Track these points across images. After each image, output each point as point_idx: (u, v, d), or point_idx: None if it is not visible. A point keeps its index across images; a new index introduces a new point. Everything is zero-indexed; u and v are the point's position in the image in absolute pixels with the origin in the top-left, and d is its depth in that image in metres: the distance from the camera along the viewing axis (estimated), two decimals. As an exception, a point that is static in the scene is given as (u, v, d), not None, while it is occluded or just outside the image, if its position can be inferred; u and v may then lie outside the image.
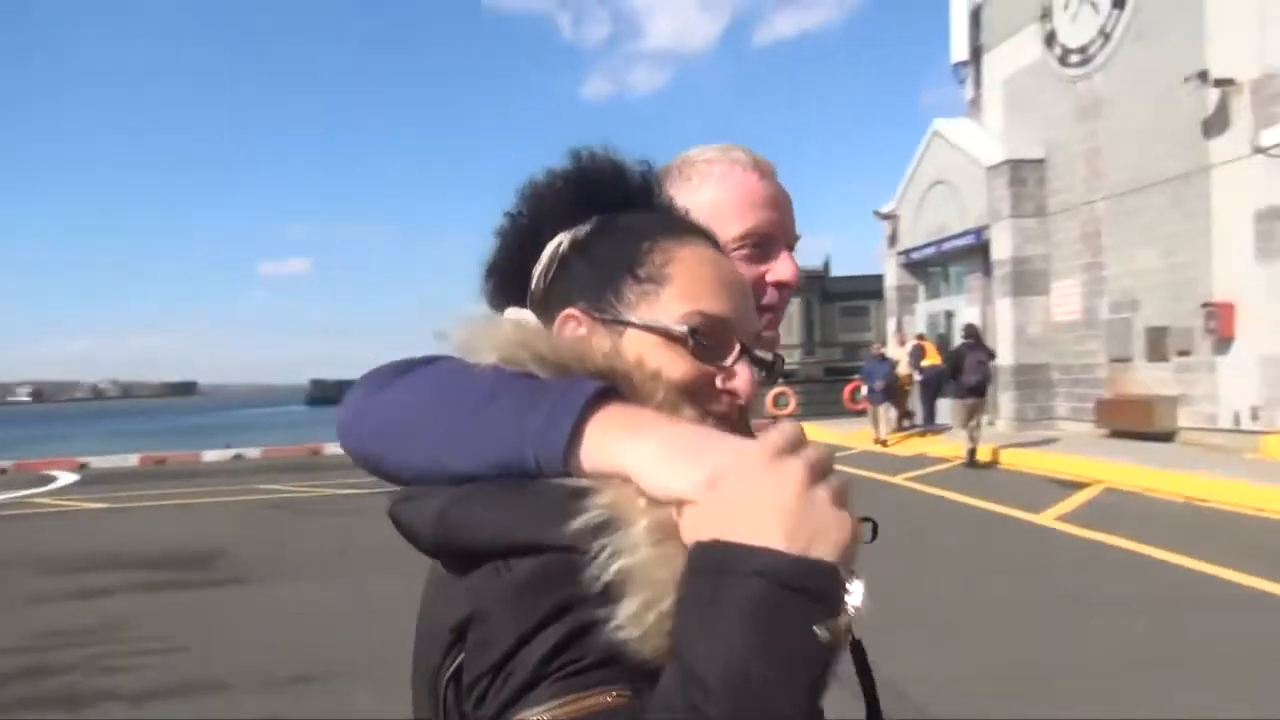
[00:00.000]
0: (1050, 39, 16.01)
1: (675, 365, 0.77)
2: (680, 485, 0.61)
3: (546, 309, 0.82)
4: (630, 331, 0.78)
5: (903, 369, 17.21)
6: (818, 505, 0.58)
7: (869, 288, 37.29)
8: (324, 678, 5.13)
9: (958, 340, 18.87)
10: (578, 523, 0.62)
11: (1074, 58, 15.36)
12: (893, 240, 20.82)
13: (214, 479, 15.98)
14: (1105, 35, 14.58)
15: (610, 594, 0.60)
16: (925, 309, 20.49)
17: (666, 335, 0.77)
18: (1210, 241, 12.72)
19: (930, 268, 20.28)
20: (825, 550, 0.56)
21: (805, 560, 0.55)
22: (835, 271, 49.01)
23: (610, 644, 0.60)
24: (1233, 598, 6.15)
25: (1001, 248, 16.56)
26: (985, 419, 17.77)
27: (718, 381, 0.79)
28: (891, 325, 20.82)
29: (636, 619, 0.59)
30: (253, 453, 20.91)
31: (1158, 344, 13.69)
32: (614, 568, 0.60)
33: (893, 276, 20.99)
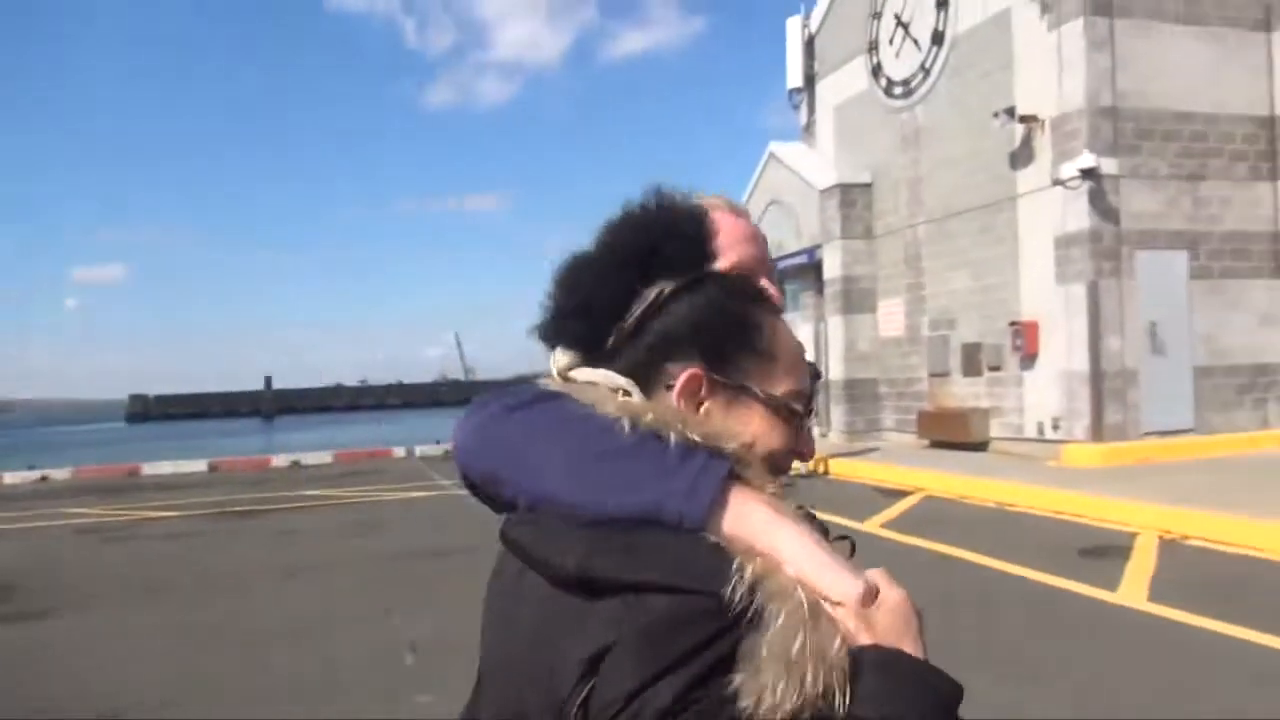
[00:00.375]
0: (877, 71, 16.92)
1: (775, 435, 0.89)
2: (842, 589, 0.75)
3: (637, 351, 0.89)
4: (745, 398, 0.88)
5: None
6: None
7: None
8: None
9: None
10: (736, 570, 0.73)
11: (898, 90, 16.28)
12: (732, 258, 21.38)
13: (15, 503, 14.72)
14: (925, 70, 15.53)
15: (742, 641, 0.72)
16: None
17: (787, 410, 0.90)
18: (1017, 265, 13.72)
19: (767, 285, 20.94)
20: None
21: (959, 688, 0.76)
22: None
23: (732, 692, 0.70)
24: (1036, 595, 6.63)
25: (832, 267, 17.33)
26: (816, 431, 18.49)
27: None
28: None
29: (756, 669, 0.70)
30: (61, 474, 19.41)
31: (972, 360, 14.64)
32: (761, 605, 0.72)
33: (732, 293, 21.55)
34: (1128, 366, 12.55)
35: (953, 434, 14.73)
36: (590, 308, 0.90)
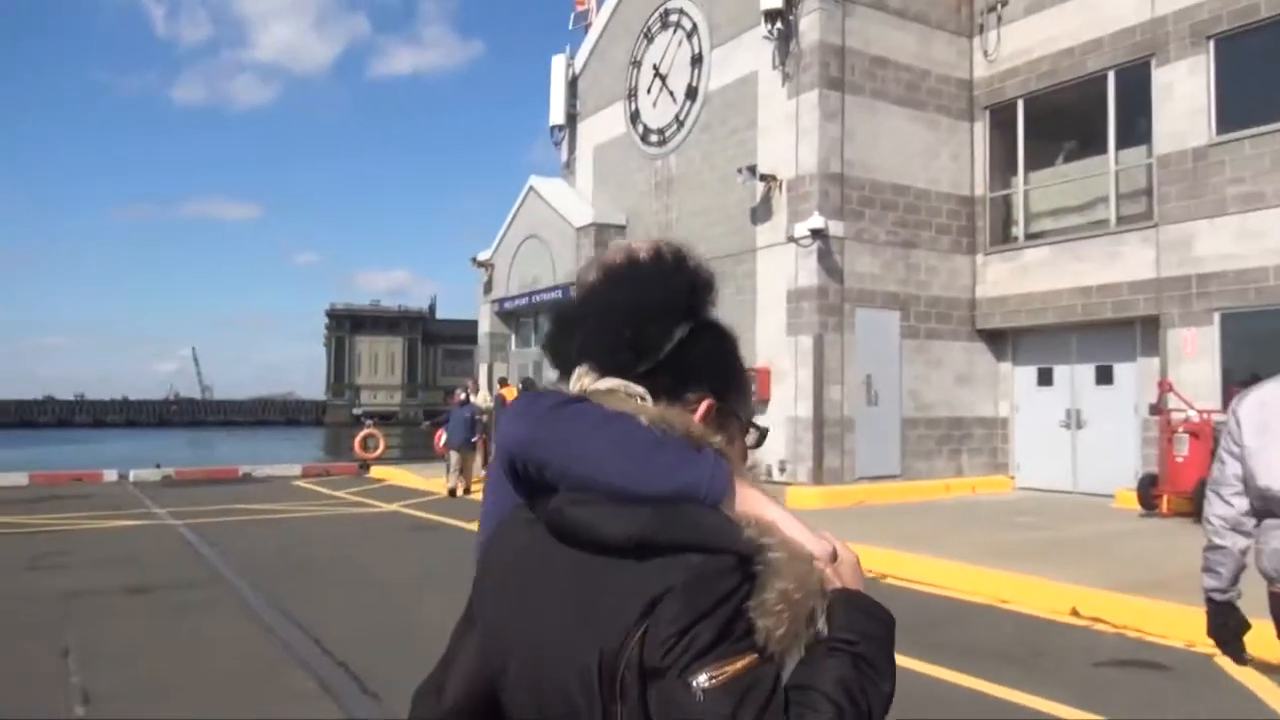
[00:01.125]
0: (635, 117, 17.45)
1: (740, 442, 1.20)
2: (819, 549, 1.02)
3: (663, 378, 1.15)
4: (731, 417, 1.20)
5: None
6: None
7: (473, 332, 37.51)
8: None
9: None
10: (748, 536, 0.97)
11: (653, 137, 16.87)
12: (488, 288, 21.26)
13: None
14: (680, 122, 16.19)
15: (755, 587, 0.95)
16: (516, 357, 21.11)
17: (754, 428, 1.25)
18: (755, 314, 14.48)
19: (522, 318, 20.97)
20: None
21: (892, 615, 1.05)
22: (444, 315, 48.57)
23: (750, 624, 0.94)
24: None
25: (585, 304, 17.54)
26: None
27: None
28: (482, 372, 21.17)
29: (766, 607, 0.94)
30: None
31: (711, 402, 15.24)
32: (767, 560, 0.96)
33: (486, 324, 21.39)
34: (846, 415, 13.53)
35: (690, 473, 15.21)
36: (641, 344, 1.15)
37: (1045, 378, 14.67)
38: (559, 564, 1.04)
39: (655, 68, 16.83)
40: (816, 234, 13.13)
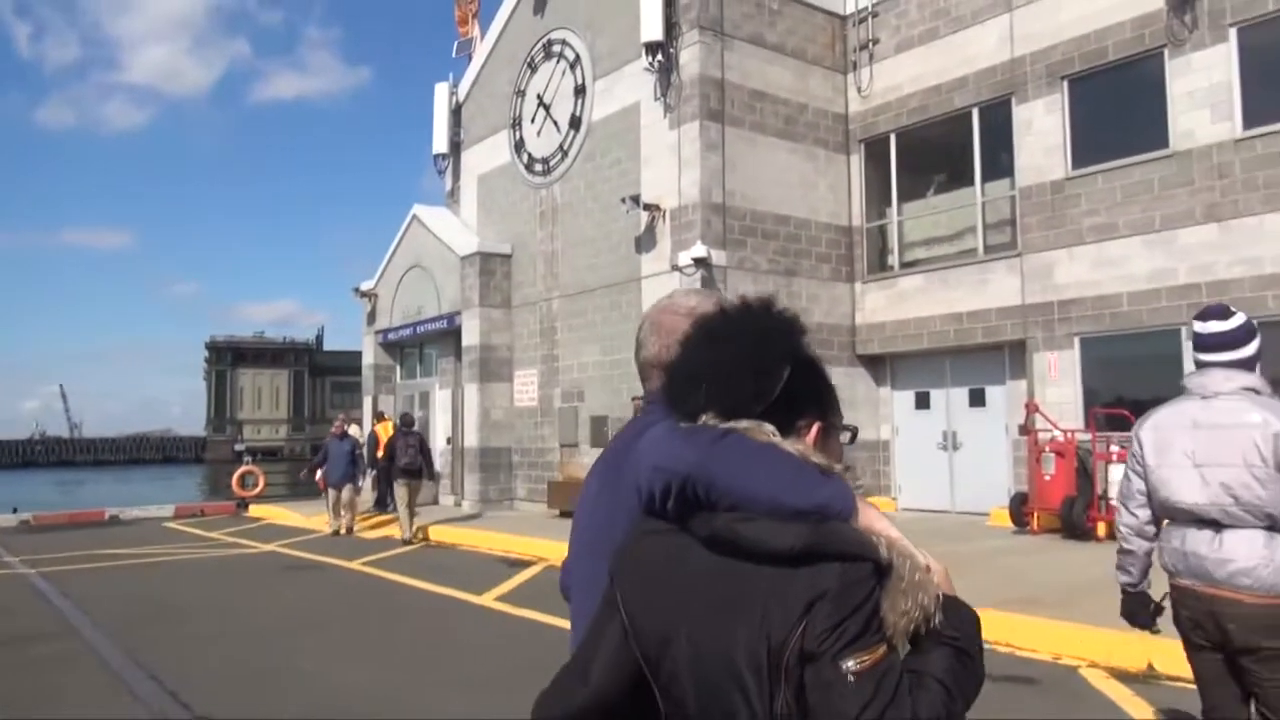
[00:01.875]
0: (519, 146, 17.39)
1: (838, 446, 1.45)
2: (921, 559, 1.26)
3: (777, 413, 1.36)
4: (833, 433, 1.44)
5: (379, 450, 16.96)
6: None
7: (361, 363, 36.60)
8: None
9: (435, 421, 19.31)
10: (882, 547, 1.22)
11: (538, 166, 16.82)
12: (371, 318, 20.76)
13: None
14: (564, 151, 16.20)
15: (885, 589, 1.22)
16: (402, 389, 20.64)
17: (846, 429, 1.49)
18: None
19: (407, 348, 20.53)
20: None
21: (978, 614, 1.34)
22: (332, 346, 47.20)
23: (881, 619, 1.20)
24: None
25: (471, 334, 17.32)
26: (450, 500, 18.20)
27: None
28: (367, 404, 20.60)
29: (895, 606, 1.21)
30: None
31: (599, 431, 15.19)
32: (894, 568, 1.23)
33: (370, 355, 20.86)
34: (732, 441, 13.63)
35: (579, 503, 15.08)
36: (760, 393, 1.35)
37: (923, 401, 15.14)
38: (713, 569, 1.29)
39: (539, 97, 16.83)
40: (700, 263, 13.27)
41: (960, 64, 14.08)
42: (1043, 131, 13.07)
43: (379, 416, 17.99)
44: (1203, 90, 11.47)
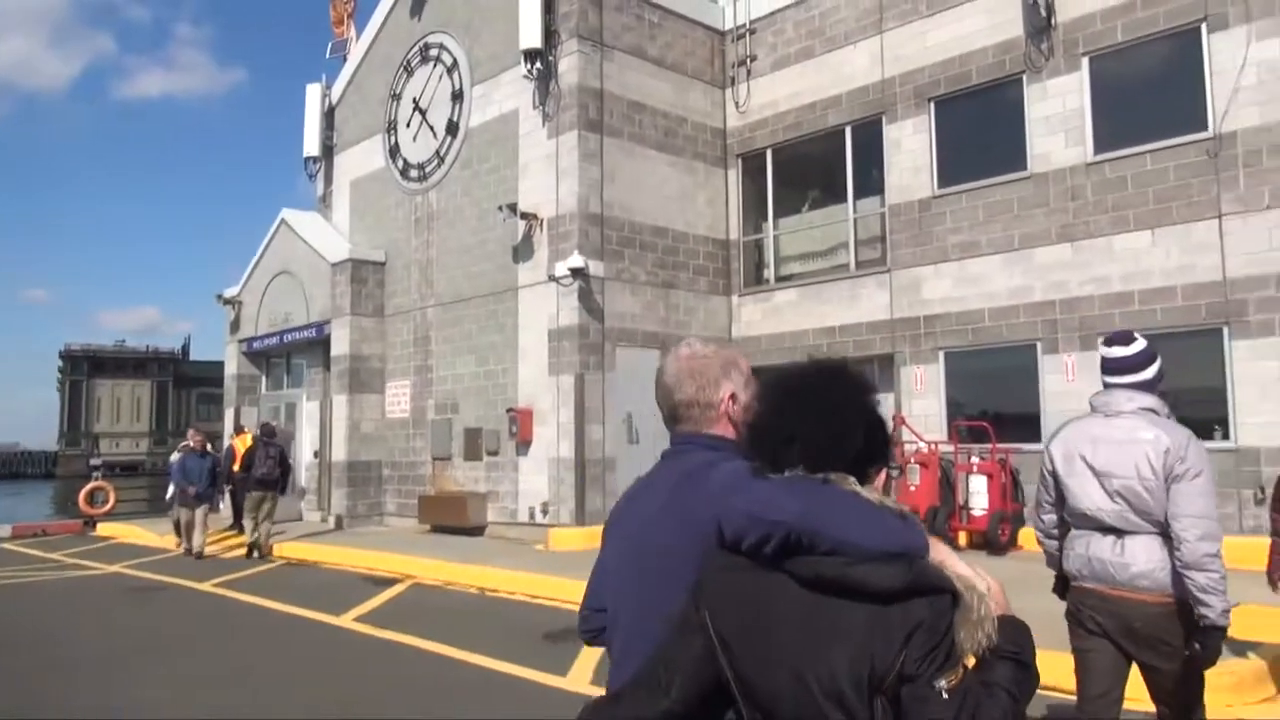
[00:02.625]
0: (394, 152, 16.90)
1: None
2: (984, 585, 1.50)
3: (855, 463, 1.63)
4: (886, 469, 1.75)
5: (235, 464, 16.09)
6: None
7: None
8: None
9: (302, 434, 18.51)
10: (952, 580, 1.47)
11: (413, 173, 16.38)
12: (235, 327, 19.81)
13: None
14: (440, 157, 15.81)
15: (956, 615, 1.46)
16: (267, 401, 19.74)
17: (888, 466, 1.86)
18: (517, 353, 14.24)
19: (273, 358, 19.66)
20: None
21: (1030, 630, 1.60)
22: (201, 355, 45.08)
23: (955, 641, 1.44)
24: (494, 684, 6.51)
25: (340, 344, 16.68)
26: (317, 516, 17.46)
27: None
28: (229, 416, 19.62)
29: (965, 629, 1.46)
30: None
31: (473, 444, 14.82)
32: (962, 597, 1.47)
33: (234, 365, 19.89)
34: (608, 454, 13.49)
35: (452, 518, 14.69)
36: (845, 452, 1.62)
37: (797, 414, 15.31)
38: (808, 602, 1.49)
39: (415, 102, 16.40)
40: (577, 273, 13.11)
41: (834, 83, 14.38)
42: (911, 151, 13.45)
43: (239, 429, 17.10)
44: (1058, 116, 11.99)
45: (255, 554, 13.67)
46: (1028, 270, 12.19)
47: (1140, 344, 3.47)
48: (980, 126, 12.94)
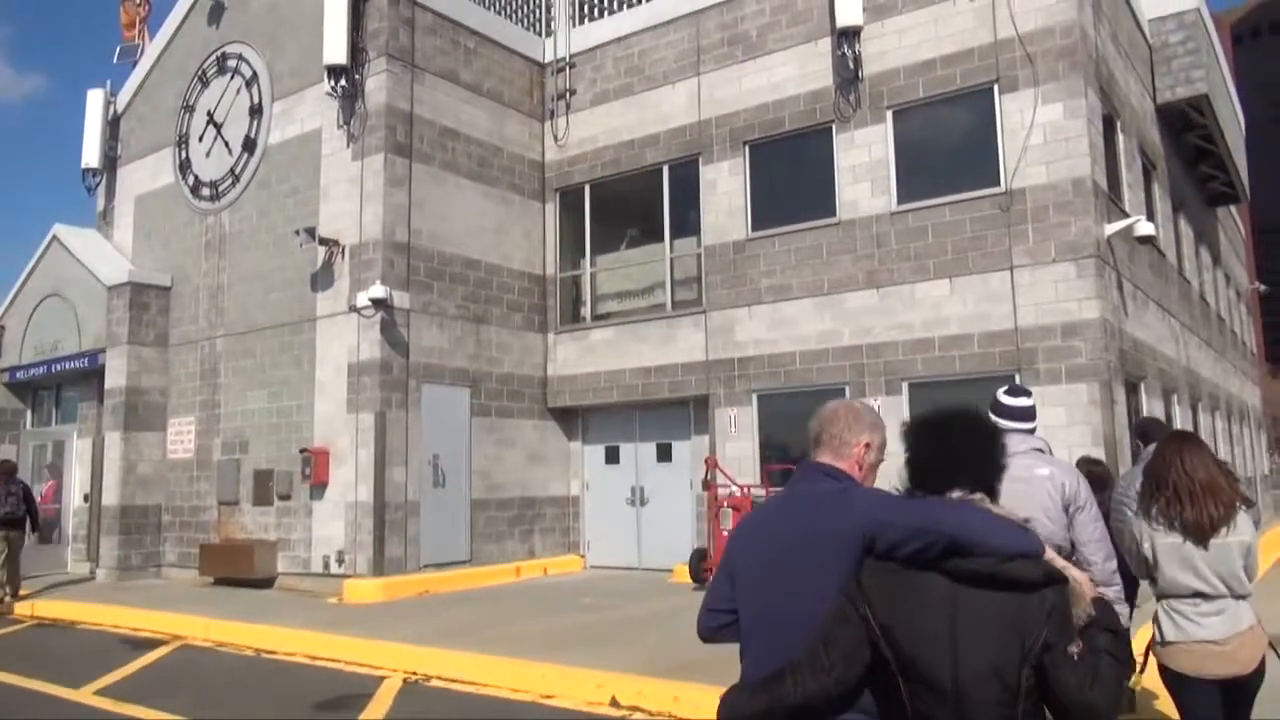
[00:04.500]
0: (185, 167, 15.57)
1: None
2: (1075, 573, 2.15)
3: (990, 482, 2.26)
4: None
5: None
6: None
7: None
8: None
9: (71, 475, 16.61)
10: (1074, 571, 2.15)
11: (206, 191, 15.11)
12: (-4, 354, 17.66)
13: None
14: (235, 176, 14.66)
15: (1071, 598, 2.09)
16: (32, 437, 17.67)
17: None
18: (314, 388, 13.23)
19: (41, 390, 17.64)
20: None
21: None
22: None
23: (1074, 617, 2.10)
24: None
25: (116, 376, 15.09)
26: (86, 568, 15.67)
27: None
28: (-16, 455, 17.39)
29: (1075, 612, 2.07)
30: None
31: (263, 487, 13.63)
32: (1070, 583, 2.12)
33: (-7, 397, 17.70)
34: (411, 498, 12.67)
35: (237, 569, 13.41)
36: (987, 476, 2.24)
37: (613, 456, 14.97)
38: (957, 594, 2.01)
39: (210, 115, 15.18)
40: (379, 304, 12.31)
41: (653, 121, 14.28)
42: (727, 192, 13.47)
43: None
44: (864, 165, 12.27)
45: (9, 611, 12.26)
46: (837, 315, 12.34)
47: (1031, 398, 4.24)
48: (793, 172, 13.10)
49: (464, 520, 13.45)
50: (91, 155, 16.76)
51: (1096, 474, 5.29)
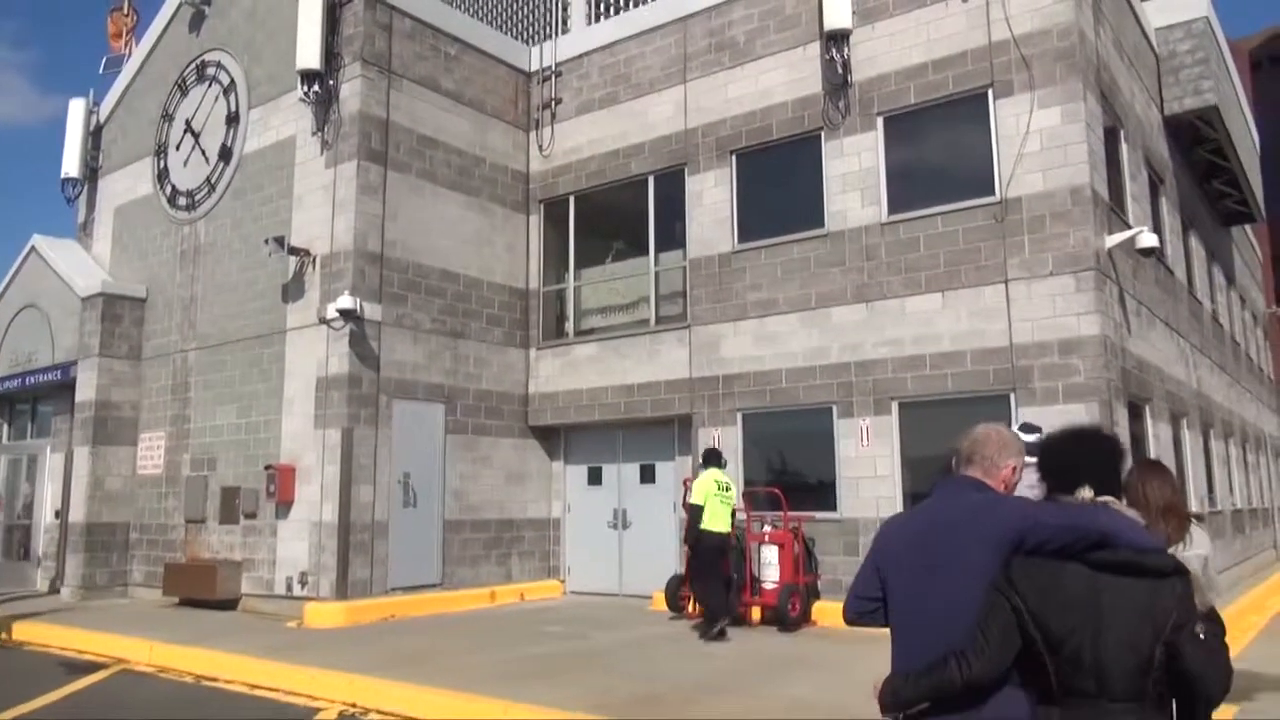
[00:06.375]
0: (163, 177, 15.23)
1: None
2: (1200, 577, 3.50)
3: (1117, 489, 2.82)
4: None
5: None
6: None
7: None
8: None
9: (43, 491, 16.20)
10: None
11: (182, 200, 14.75)
12: (-28, 367, 17.31)
13: None
14: (212, 185, 14.28)
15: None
16: (6, 452, 17.29)
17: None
18: (281, 403, 12.75)
19: (17, 404, 17.27)
20: None
21: None
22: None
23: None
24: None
25: (86, 389, 14.68)
26: (59, 581, 15.22)
27: None
28: (-42, 470, 17.02)
29: (1202, 599, 3.18)
30: None
31: (230, 505, 13.13)
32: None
33: (-32, 410, 17.34)
34: (379, 519, 12.13)
35: (200, 590, 12.90)
36: (1115, 481, 2.80)
37: (595, 476, 14.39)
38: (1097, 582, 2.30)
39: (188, 123, 14.84)
40: (348, 315, 11.83)
41: (638, 131, 13.81)
42: (713, 204, 12.96)
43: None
44: (854, 174, 11.74)
45: None
46: (825, 330, 11.77)
47: (1043, 433, 4.73)
48: (780, 181, 12.58)
49: (436, 542, 12.89)
50: (71, 165, 16.47)
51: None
